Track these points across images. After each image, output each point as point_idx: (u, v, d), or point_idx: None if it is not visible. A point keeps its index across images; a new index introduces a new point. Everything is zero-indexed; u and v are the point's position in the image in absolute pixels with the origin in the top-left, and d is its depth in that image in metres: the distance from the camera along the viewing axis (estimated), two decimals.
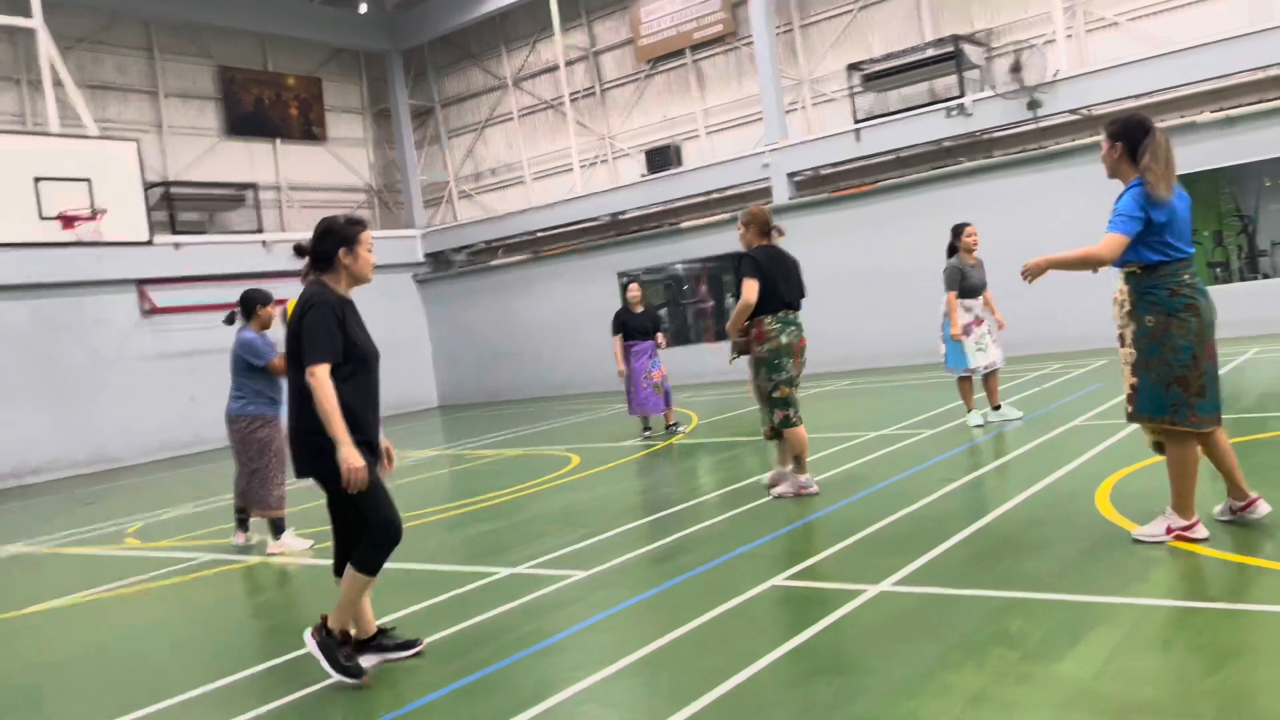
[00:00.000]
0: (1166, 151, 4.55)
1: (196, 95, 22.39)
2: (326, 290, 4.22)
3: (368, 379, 4.25)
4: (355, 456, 3.97)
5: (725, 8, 20.03)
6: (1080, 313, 14.46)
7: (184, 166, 21.81)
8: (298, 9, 22.70)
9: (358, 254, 4.27)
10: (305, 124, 24.17)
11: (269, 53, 23.61)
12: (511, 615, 5.00)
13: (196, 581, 6.96)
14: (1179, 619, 3.82)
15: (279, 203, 23.63)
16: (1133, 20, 15.91)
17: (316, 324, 4.08)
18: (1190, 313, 4.49)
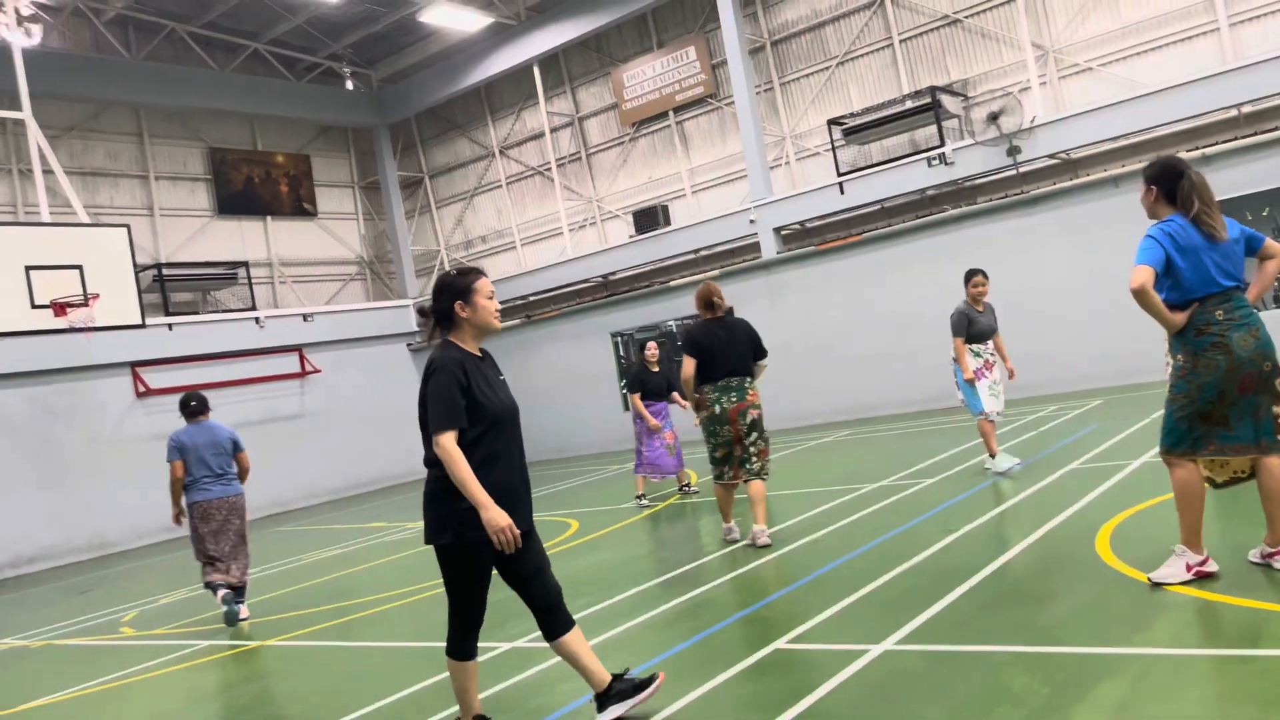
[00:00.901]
0: (1207, 191, 4.60)
1: (187, 176, 22.65)
2: (452, 349, 4.07)
3: (499, 439, 4.04)
4: (498, 517, 3.83)
5: (705, 69, 20.39)
6: (1074, 354, 14.54)
7: (176, 247, 21.97)
8: (285, 89, 23.07)
9: (476, 304, 4.11)
10: (295, 200, 24.42)
11: (258, 132, 23.93)
12: (515, 691, 4.94)
13: (195, 669, 6.86)
14: (1186, 668, 3.78)
15: (271, 279, 23.78)
16: (1104, 65, 16.21)
17: (438, 390, 3.95)
18: (1218, 351, 4.49)
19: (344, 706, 5.15)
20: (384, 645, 6.55)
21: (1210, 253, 4.52)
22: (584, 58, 22.35)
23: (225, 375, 20.29)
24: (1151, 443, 8.83)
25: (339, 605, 8.20)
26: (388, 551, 11.21)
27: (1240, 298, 4.57)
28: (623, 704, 4.17)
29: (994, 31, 17.19)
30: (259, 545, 14.65)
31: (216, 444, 8.25)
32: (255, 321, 21.16)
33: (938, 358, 16.07)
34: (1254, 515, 5.20)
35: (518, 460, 4.13)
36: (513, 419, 4.15)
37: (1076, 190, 15.25)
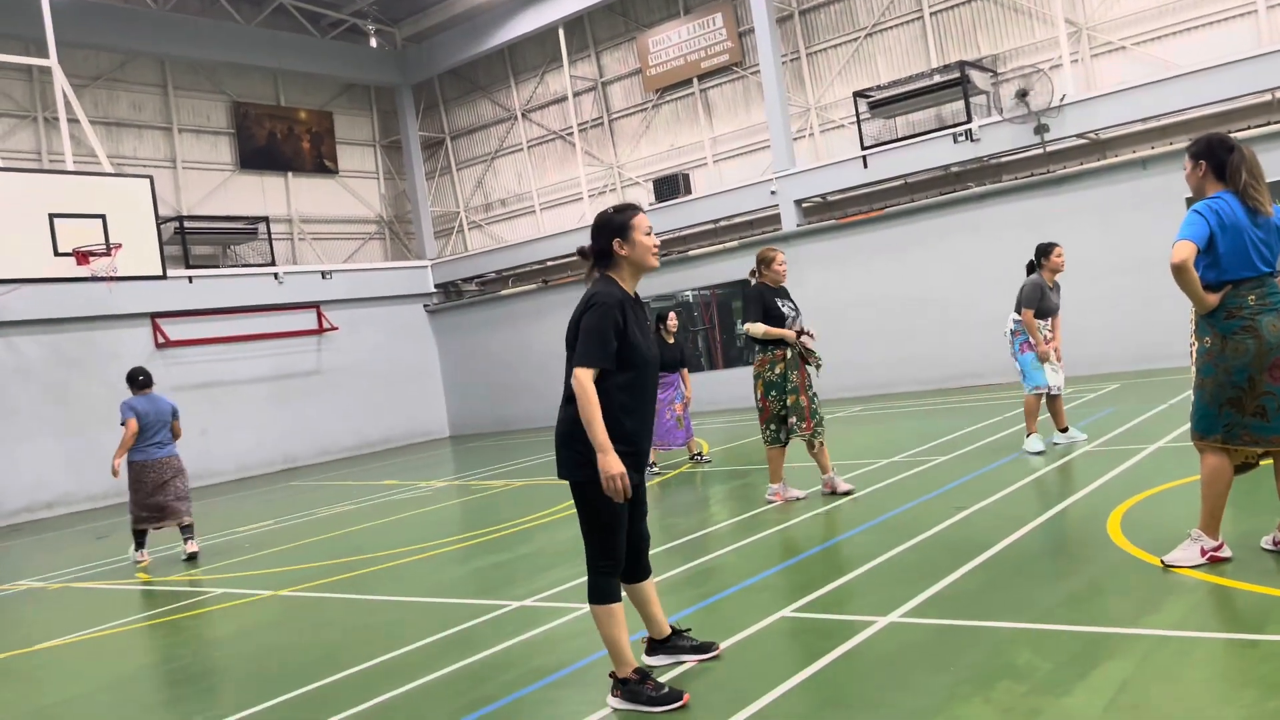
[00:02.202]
0: (1257, 166, 4.54)
1: (210, 130, 22.67)
2: (613, 286, 3.98)
3: (643, 386, 3.99)
4: (614, 463, 3.76)
5: (732, 37, 20.18)
6: (1094, 336, 14.44)
7: (198, 200, 22.04)
8: (310, 45, 23.00)
9: (635, 240, 4.02)
10: (317, 157, 24.41)
11: (282, 88, 23.89)
12: (521, 648, 4.99)
13: (209, 615, 6.96)
14: (1191, 650, 3.78)
15: (291, 235, 23.84)
16: (1138, 44, 15.96)
17: (593, 326, 3.85)
18: (1247, 334, 4.45)
19: (354, 657, 5.22)
20: (395, 599, 6.62)
21: (1253, 233, 4.46)
22: (609, 21, 22.16)
23: (243, 329, 20.41)
24: (1168, 428, 8.79)
25: (350, 559, 8.29)
26: (400, 509, 11.31)
27: (1273, 284, 4.53)
28: (672, 656, 4.35)
29: (1027, 6, 16.93)
30: (271, 499, 14.82)
31: (160, 413, 9.79)
32: (274, 277, 21.25)
33: (957, 335, 16.07)
34: (1268, 502, 5.18)
35: (652, 398, 4.09)
36: (656, 367, 4.11)
37: (1104, 171, 15.08)
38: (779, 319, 7.61)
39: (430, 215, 25.28)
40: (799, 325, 7.72)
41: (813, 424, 7.73)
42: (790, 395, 7.68)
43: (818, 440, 7.79)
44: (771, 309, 7.64)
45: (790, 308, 7.73)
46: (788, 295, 7.84)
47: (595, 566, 3.97)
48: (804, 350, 7.72)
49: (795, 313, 7.76)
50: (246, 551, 9.63)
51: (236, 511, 13.71)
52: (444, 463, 17.14)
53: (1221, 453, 4.60)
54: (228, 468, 19.74)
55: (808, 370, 7.78)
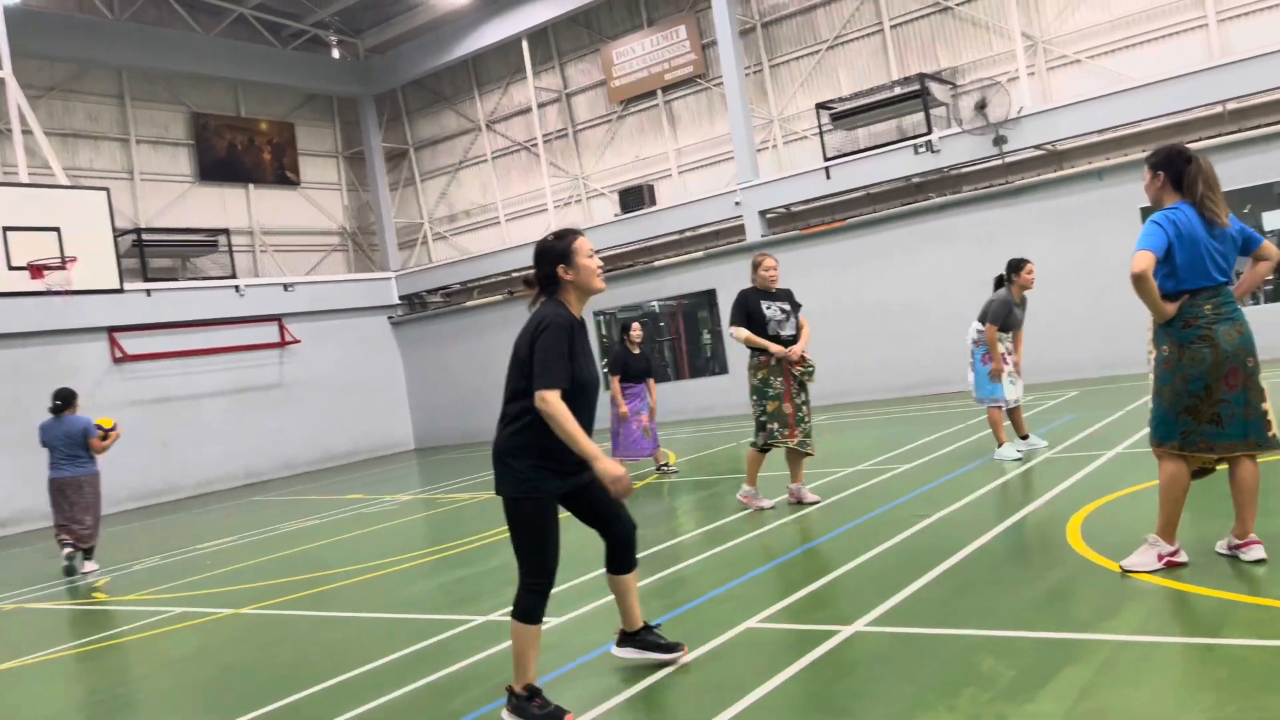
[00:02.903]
0: (1213, 176, 4.60)
1: (169, 141, 22.39)
2: (562, 309, 4.08)
3: (581, 408, 4.05)
4: (613, 465, 3.92)
5: (695, 49, 20.29)
6: (1053, 344, 14.64)
7: (156, 213, 21.74)
8: (270, 55, 22.81)
9: (578, 264, 4.09)
10: (278, 168, 24.19)
11: (242, 98, 23.66)
12: (487, 664, 4.95)
13: (167, 635, 6.84)
14: (1151, 654, 3.83)
15: (252, 247, 23.58)
16: (1093, 58, 16.24)
17: (549, 347, 3.93)
18: (1204, 344, 4.52)
19: (317, 675, 5.15)
20: (359, 615, 6.55)
21: (1209, 244, 4.53)
22: (574, 33, 22.20)
23: (203, 343, 20.15)
24: (1125, 434, 8.92)
25: (313, 575, 8.19)
26: (364, 523, 11.20)
27: (1229, 293, 4.61)
28: (640, 652, 4.47)
29: (984, 20, 17.19)
30: (233, 515, 14.62)
31: (69, 435, 10.27)
32: (235, 290, 21.02)
33: (919, 344, 16.22)
34: (1222, 507, 5.27)
35: (588, 421, 4.15)
36: (596, 389, 4.21)
37: (1061, 182, 15.32)
38: (761, 323, 7.62)
39: (394, 227, 25.13)
40: (787, 330, 7.69)
41: (798, 433, 7.69)
42: (771, 401, 7.66)
43: (804, 451, 7.76)
44: (755, 313, 7.64)
45: (780, 309, 7.70)
46: (782, 297, 7.79)
47: (526, 584, 4.02)
48: (788, 360, 7.68)
49: (785, 315, 7.71)
50: (206, 569, 9.49)
51: (197, 527, 13.51)
52: (409, 476, 17.01)
53: (1179, 459, 4.68)
54: (188, 483, 19.46)
55: (793, 380, 7.70)
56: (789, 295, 7.89)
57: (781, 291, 7.85)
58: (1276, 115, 14.07)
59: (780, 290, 7.85)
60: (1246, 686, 3.40)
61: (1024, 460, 8.46)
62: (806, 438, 7.75)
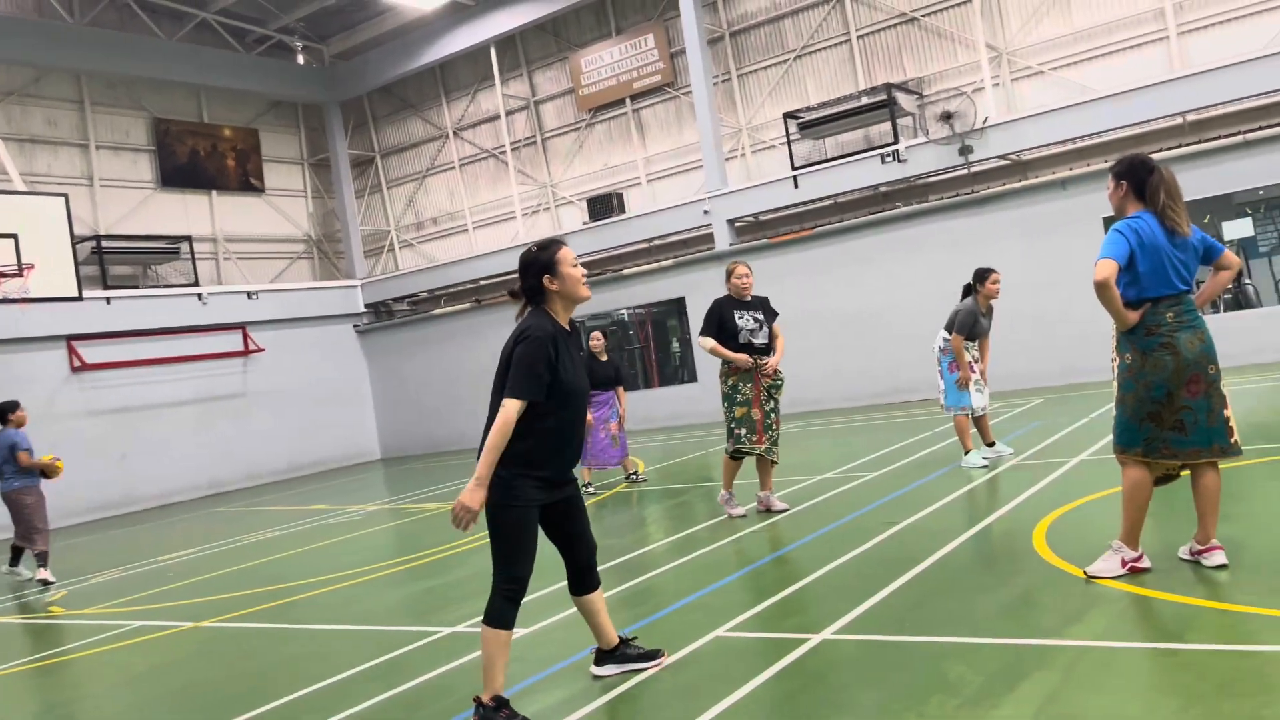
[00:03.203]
0: (1175, 186, 4.65)
1: (129, 147, 22.07)
2: (545, 320, 4.09)
3: (569, 418, 4.10)
4: (477, 498, 3.90)
5: (664, 57, 20.34)
6: (1018, 352, 14.78)
7: (116, 219, 21.41)
8: (234, 61, 22.57)
9: (563, 274, 4.12)
10: (242, 175, 23.93)
11: (205, 104, 23.39)
12: (453, 676, 4.89)
13: (128, 649, 6.71)
14: (1116, 660, 3.85)
15: (215, 255, 23.29)
16: (1056, 69, 16.46)
17: (523, 359, 3.96)
18: (1165, 351, 4.56)
19: (280, 689, 5.07)
20: (324, 628, 6.46)
21: (1171, 253, 4.58)
22: (542, 41, 22.18)
23: (165, 352, 19.87)
24: (1089, 442, 9.01)
25: (276, 588, 8.08)
26: (329, 534, 11.07)
27: (1190, 301, 4.66)
28: (620, 666, 4.47)
29: (950, 31, 17.37)
30: (195, 526, 14.39)
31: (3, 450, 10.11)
32: (198, 298, 20.75)
33: (887, 352, 16.32)
34: (1184, 513, 5.32)
35: (576, 434, 4.21)
36: (584, 398, 4.23)
37: (1025, 191, 15.50)
38: (732, 332, 7.62)
39: (360, 234, 24.94)
40: (759, 339, 7.68)
41: (764, 439, 7.68)
42: (740, 408, 7.66)
43: (770, 459, 7.77)
44: (727, 322, 7.63)
45: (753, 319, 7.68)
46: (757, 306, 7.76)
47: (499, 589, 4.03)
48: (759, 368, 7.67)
49: (758, 324, 7.70)
50: (167, 581, 9.32)
51: (157, 540, 13.29)
52: (375, 486, 16.85)
53: (1142, 466, 4.72)
54: (149, 494, 19.16)
55: (762, 387, 7.69)
56: (764, 304, 7.85)
57: (757, 300, 7.82)
58: (1235, 127, 14.32)
59: (756, 299, 7.82)
60: (1209, 691, 3.43)
61: (990, 467, 8.52)
62: (773, 445, 7.75)
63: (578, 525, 4.32)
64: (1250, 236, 14.19)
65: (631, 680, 4.36)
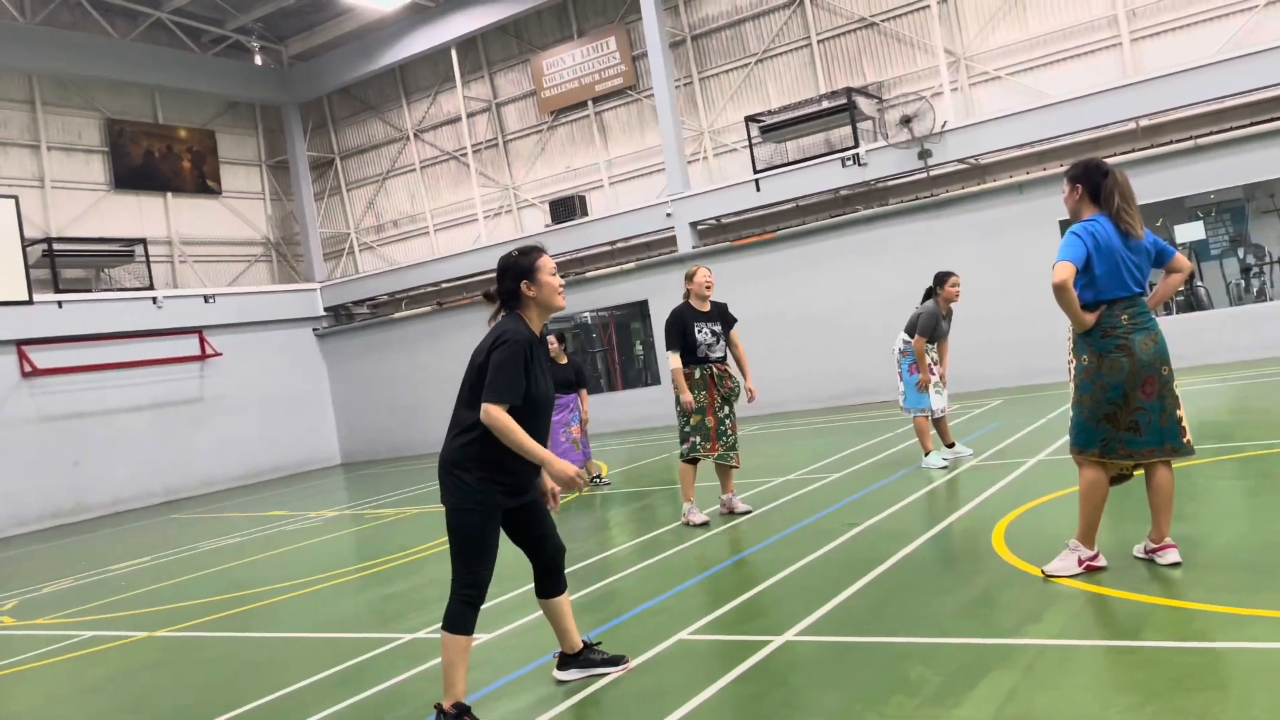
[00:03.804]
0: (1129, 190, 4.71)
1: (82, 148, 21.65)
2: (522, 325, 4.11)
3: (535, 425, 4.09)
4: (565, 467, 3.95)
5: (625, 60, 20.34)
6: (977, 354, 14.94)
7: (68, 222, 21.00)
8: (189, 61, 22.23)
9: (541, 281, 4.15)
10: (199, 177, 23.58)
11: (160, 105, 23.02)
12: (414, 683, 4.84)
13: (81, 660, 6.57)
14: (1073, 658, 3.90)
15: (171, 258, 22.92)
16: (1013, 74, 16.69)
17: (503, 362, 3.95)
18: (1121, 353, 4.62)
19: (236, 698, 4.99)
20: (282, 636, 6.37)
21: (1125, 255, 4.65)
22: (503, 43, 22.10)
23: (119, 356, 19.52)
24: (1047, 442, 9.13)
25: (233, 595, 7.95)
26: (288, 541, 10.93)
27: (1144, 304, 4.73)
28: (584, 670, 4.45)
29: (909, 36, 17.54)
30: (150, 534, 14.14)
31: None
32: (153, 301, 20.41)
33: (848, 354, 16.43)
34: (1138, 512, 5.41)
35: (541, 439, 4.17)
36: (550, 404, 4.25)
37: (983, 195, 15.69)
38: (692, 346, 7.59)
39: (319, 237, 24.67)
40: (716, 353, 7.69)
41: (718, 445, 7.69)
42: (694, 415, 7.65)
43: (727, 465, 7.77)
44: (687, 336, 7.60)
45: (711, 331, 7.65)
46: (714, 315, 7.71)
47: (458, 594, 4.02)
48: (714, 373, 7.68)
49: (715, 338, 7.67)
50: (121, 590, 9.15)
51: (110, 548, 13.04)
52: (335, 491, 16.66)
53: (1098, 466, 4.78)
54: (103, 501, 18.80)
55: (716, 392, 7.68)
56: (722, 312, 7.80)
57: (715, 308, 7.77)
58: (1187, 132, 14.61)
59: (715, 306, 7.77)
60: (1163, 686, 3.48)
61: (950, 468, 8.60)
62: (729, 450, 7.74)
63: (543, 528, 4.31)
64: (1202, 240, 14.47)
65: (595, 684, 4.35)
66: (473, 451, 3.98)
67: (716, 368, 7.68)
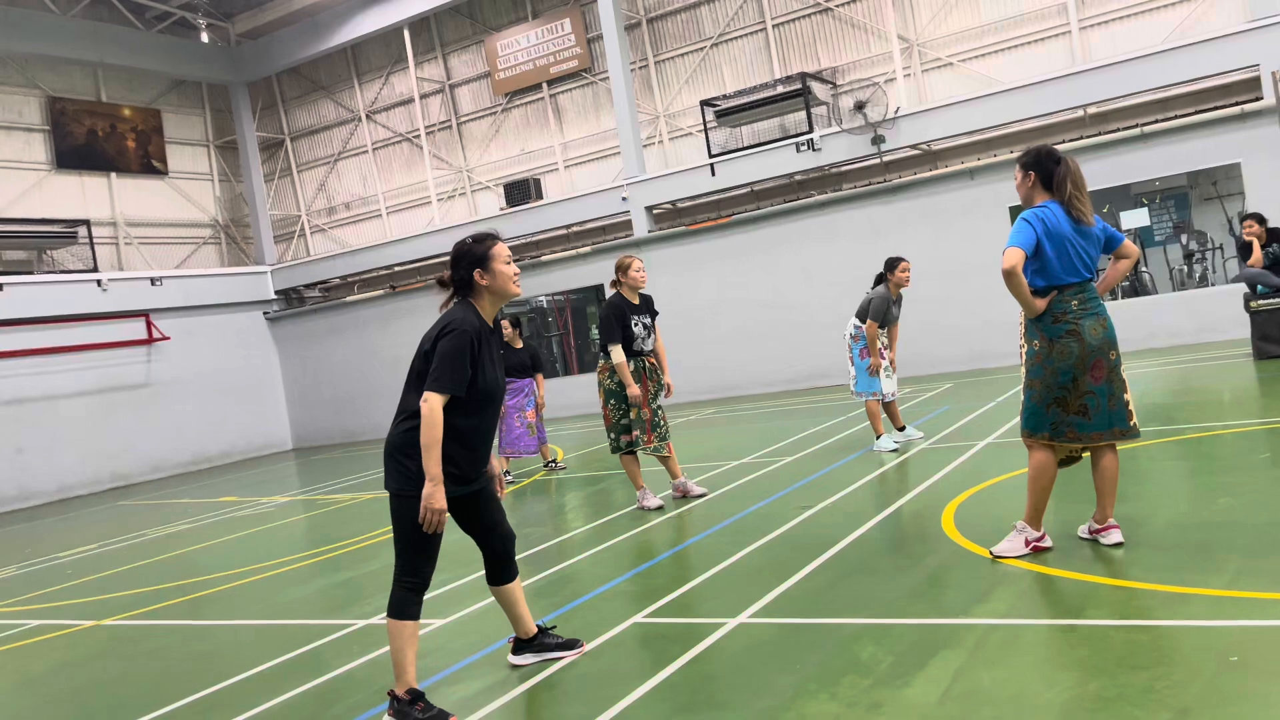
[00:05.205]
0: (1080, 177, 4.77)
1: (21, 127, 21.05)
2: (470, 315, 4.04)
3: (483, 416, 4.07)
4: (439, 498, 3.85)
5: (580, 43, 20.22)
6: (928, 338, 15.14)
7: (8, 202, 20.43)
8: (133, 38, 21.69)
9: (495, 270, 4.08)
10: (144, 157, 23.06)
11: (103, 83, 22.45)
12: (367, 669, 4.82)
13: (25, 649, 6.44)
14: (1019, 636, 3.98)
15: (116, 239, 22.42)
16: (965, 61, 16.85)
17: (448, 352, 3.90)
18: (1071, 338, 4.69)
19: (187, 686, 4.93)
20: (230, 624, 6.29)
21: (1076, 242, 4.72)
22: (456, 23, 21.85)
23: (62, 340, 19.08)
24: (996, 425, 9.28)
25: (183, 583, 7.84)
26: (239, 527, 10.79)
27: (1093, 289, 4.82)
28: (538, 655, 4.47)
29: (862, 22, 17.63)
30: (97, 521, 13.88)
31: None
32: (97, 284, 19.96)
33: (803, 338, 16.56)
34: (1083, 493, 5.52)
35: (490, 429, 4.18)
36: (500, 395, 4.18)
37: (935, 180, 15.85)
38: (629, 338, 7.61)
39: (269, 219, 24.28)
40: (648, 345, 7.73)
41: (653, 437, 7.72)
42: (633, 409, 7.69)
43: (660, 455, 7.81)
44: (628, 328, 7.61)
45: (643, 325, 7.68)
46: (646, 307, 7.74)
47: (400, 581, 4.00)
48: (647, 366, 7.71)
49: (647, 331, 7.71)
50: (66, 578, 8.97)
51: (56, 535, 12.78)
52: (287, 477, 16.47)
53: (1048, 449, 4.87)
54: (48, 488, 18.41)
55: (650, 383, 7.73)
56: (649, 304, 7.83)
57: (644, 300, 7.78)
58: (1133, 120, 14.87)
59: (642, 299, 7.78)
60: (1107, 664, 3.56)
61: (900, 451, 8.71)
62: (661, 441, 7.79)
63: (492, 516, 4.30)
64: (1147, 226, 14.75)
65: (550, 669, 4.35)
66: (416, 437, 3.93)
67: (649, 360, 7.72)
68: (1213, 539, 4.85)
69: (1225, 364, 11.36)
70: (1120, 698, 3.27)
